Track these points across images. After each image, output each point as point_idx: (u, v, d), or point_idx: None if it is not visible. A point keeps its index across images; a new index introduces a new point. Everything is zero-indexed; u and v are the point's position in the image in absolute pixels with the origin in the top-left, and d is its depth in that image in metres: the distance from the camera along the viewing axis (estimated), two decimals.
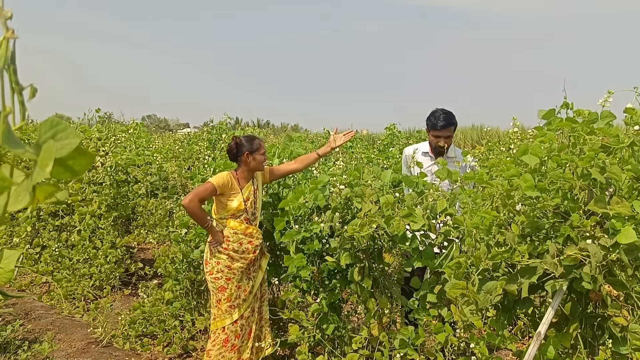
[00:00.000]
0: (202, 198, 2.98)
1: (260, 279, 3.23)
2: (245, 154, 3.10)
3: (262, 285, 3.27)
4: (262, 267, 3.25)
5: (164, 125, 44.61)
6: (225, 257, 3.08)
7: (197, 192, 2.97)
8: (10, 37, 0.42)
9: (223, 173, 3.11)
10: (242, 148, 3.11)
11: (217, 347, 3.08)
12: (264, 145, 3.19)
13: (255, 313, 3.24)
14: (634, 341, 1.75)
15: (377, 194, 2.55)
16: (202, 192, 2.97)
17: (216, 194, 3.04)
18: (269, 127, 40.30)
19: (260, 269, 3.24)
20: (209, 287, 3.16)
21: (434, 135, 3.38)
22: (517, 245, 1.79)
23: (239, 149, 3.12)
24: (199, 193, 2.97)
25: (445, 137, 3.35)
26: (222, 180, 3.03)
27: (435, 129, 3.36)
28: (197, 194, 2.96)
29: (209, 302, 3.27)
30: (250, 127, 8.25)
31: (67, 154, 0.44)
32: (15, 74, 0.44)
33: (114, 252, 4.86)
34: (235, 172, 3.16)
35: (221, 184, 3.01)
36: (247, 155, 3.10)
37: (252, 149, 3.11)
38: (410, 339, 2.55)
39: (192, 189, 3.12)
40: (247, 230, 3.12)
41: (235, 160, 3.17)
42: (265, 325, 3.31)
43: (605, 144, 1.73)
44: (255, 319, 3.23)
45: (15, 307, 4.43)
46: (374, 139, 12.35)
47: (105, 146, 5.59)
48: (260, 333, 3.28)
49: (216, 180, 3.02)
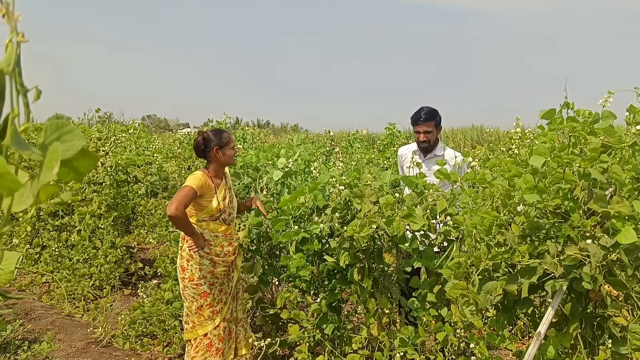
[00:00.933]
0: (186, 204, 2.77)
1: (236, 279, 3.15)
2: (214, 149, 2.92)
3: (237, 284, 3.19)
4: (237, 266, 3.15)
5: (164, 125, 44.58)
6: (207, 262, 2.95)
7: (180, 200, 2.73)
8: (21, 41, 0.42)
9: (197, 173, 2.91)
10: (210, 143, 2.92)
11: (201, 353, 3.00)
12: (233, 139, 3.03)
13: (234, 313, 3.18)
14: (634, 341, 1.75)
15: (376, 194, 2.55)
16: (184, 198, 2.75)
17: (196, 197, 2.84)
18: (269, 127, 40.29)
19: (236, 268, 3.14)
20: (187, 294, 3.00)
21: (415, 130, 3.47)
22: (517, 245, 1.79)
23: (207, 144, 2.93)
24: (182, 199, 2.74)
25: (425, 132, 3.40)
26: (198, 181, 2.84)
27: (416, 124, 3.44)
28: (180, 201, 2.72)
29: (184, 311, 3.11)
30: (250, 127, 8.26)
31: (72, 156, 0.45)
32: (21, 76, 0.44)
33: (114, 252, 4.86)
34: (207, 171, 2.96)
35: (199, 185, 2.83)
36: (216, 150, 2.92)
37: (221, 143, 2.93)
38: (410, 339, 2.55)
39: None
40: (227, 231, 3.02)
41: (204, 157, 2.98)
42: (239, 324, 3.24)
43: (606, 143, 1.74)
44: (234, 318, 3.19)
45: (15, 307, 4.43)
46: (374, 139, 12.36)
47: (105, 146, 5.59)
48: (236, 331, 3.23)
49: (194, 182, 2.83)
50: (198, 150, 2.99)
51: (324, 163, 5.12)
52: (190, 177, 2.89)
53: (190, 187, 2.80)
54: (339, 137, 12.85)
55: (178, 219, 2.73)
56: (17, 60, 0.43)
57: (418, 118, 3.41)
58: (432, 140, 3.43)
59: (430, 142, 3.42)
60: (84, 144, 0.45)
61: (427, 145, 3.44)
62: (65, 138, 0.44)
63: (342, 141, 9.17)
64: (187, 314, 3.06)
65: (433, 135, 3.42)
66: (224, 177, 3.08)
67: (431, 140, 3.42)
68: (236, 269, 3.15)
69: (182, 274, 3.01)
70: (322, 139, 10.80)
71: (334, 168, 3.10)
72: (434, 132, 3.42)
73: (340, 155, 7.07)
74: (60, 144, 0.43)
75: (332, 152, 7.23)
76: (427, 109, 3.43)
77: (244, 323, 3.30)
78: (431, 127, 3.40)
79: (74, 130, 0.45)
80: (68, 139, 0.44)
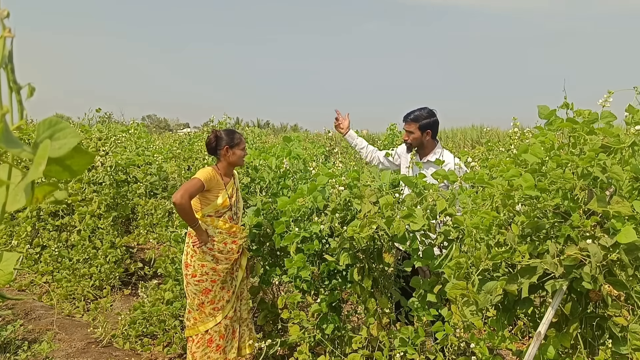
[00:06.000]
0: (191, 194, 2.83)
1: (241, 278, 3.17)
2: (224, 148, 2.99)
3: (241, 283, 3.21)
4: (242, 265, 3.18)
5: (164, 125, 44.55)
6: (210, 258, 2.99)
7: (186, 188, 2.80)
8: (7, 36, 0.42)
9: (207, 168, 2.99)
10: (222, 142, 3.00)
11: (202, 349, 3.04)
12: (244, 140, 3.11)
13: (237, 312, 3.20)
14: (634, 341, 1.74)
15: (376, 194, 2.54)
16: (191, 188, 2.82)
17: (203, 190, 2.91)
18: (269, 127, 40.28)
19: (241, 267, 3.17)
20: (189, 290, 3.05)
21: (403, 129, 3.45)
22: (517, 245, 1.78)
23: (219, 142, 3.01)
24: (189, 189, 2.80)
25: (407, 131, 3.37)
26: (207, 175, 2.91)
27: (403, 121, 3.42)
28: (186, 190, 2.79)
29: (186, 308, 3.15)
30: (250, 127, 8.25)
31: (65, 154, 0.44)
32: (13, 72, 0.44)
33: (114, 252, 4.86)
34: (217, 168, 3.04)
35: (207, 178, 2.90)
36: (226, 149, 3.00)
37: (232, 143, 3.01)
38: (410, 339, 2.54)
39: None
40: (231, 229, 3.05)
41: (214, 154, 3.06)
42: (244, 324, 3.26)
43: (606, 144, 1.73)
44: (237, 317, 3.20)
45: (15, 307, 4.43)
46: (374, 139, 12.35)
47: (105, 146, 5.58)
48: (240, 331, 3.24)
49: (202, 175, 2.90)
50: (209, 147, 3.06)
51: (323, 163, 5.11)
52: (200, 171, 2.97)
53: (198, 179, 2.88)
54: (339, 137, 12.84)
55: (182, 207, 2.78)
56: (9, 57, 0.43)
57: (405, 116, 3.39)
58: (414, 142, 3.34)
59: (411, 143, 3.34)
60: (78, 142, 0.45)
61: (408, 145, 3.37)
62: (58, 136, 0.44)
63: (342, 141, 9.16)
64: (189, 310, 3.10)
65: (415, 137, 3.34)
66: (233, 177, 3.13)
67: (412, 141, 3.34)
68: (240, 268, 3.18)
69: (185, 270, 3.06)
70: (322, 138, 10.79)
71: (333, 168, 3.09)
72: (417, 134, 3.34)
73: (340, 156, 7.06)
74: (53, 141, 0.43)
75: (332, 152, 7.22)
76: (419, 110, 3.38)
77: (248, 323, 3.31)
78: (412, 127, 3.33)
79: (67, 127, 0.44)
80: (61, 136, 0.44)
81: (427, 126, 3.34)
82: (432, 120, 3.37)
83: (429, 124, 3.35)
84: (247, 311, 3.30)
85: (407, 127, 3.38)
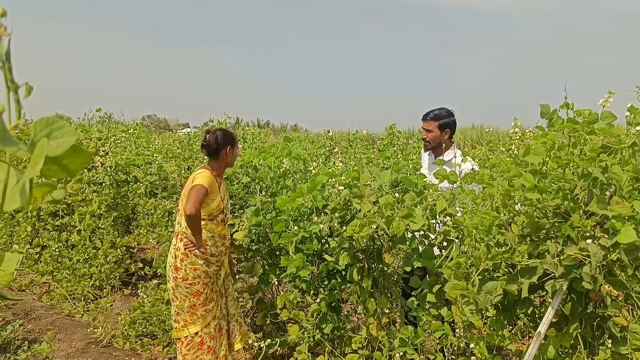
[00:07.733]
0: (201, 202, 2.81)
1: (223, 276, 3.16)
2: (228, 148, 2.96)
3: (225, 281, 3.20)
4: (224, 264, 3.16)
5: (164, 125, 44.53)
6: (202, 262, 2.97)
7: (197, 199, 2.76)
8: (3, 35, 0.42)
9: (205, 172, 2.92)
10: (224, 142, 2.95)
11: (192, 351, 3.02)
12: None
13: (223, 309, 3.19)
14: (634, 341, 1.74)
15: (375, 194, 2.54)
16: (201, 197, 2.79)
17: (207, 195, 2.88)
18: (269, 127, 40.26)
19: (223, 265, 3.16)
20: (178, 293, 3.01)
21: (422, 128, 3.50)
22: (517, 245, 1.78)
23: (221, 143, 2.95)
24: (198, 198, 2.77)
25: (426, 129, 3.43)
26: (208, 179, 2.87)
27: (422, 120, 3.47)
28: (197, 200, 2.76)
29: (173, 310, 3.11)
30: (250, 127, 8.25)
31: (62, 153, 0.44)
32: (11, 71, 0.44)
33: (114, 252, 4.86)
34: (212, 169, 2.98)
35: (209, 183, 2.87)
36: (229, 149, 2.96)
37: (233, 143, 2.98)
38: (410, 339, 2.54)
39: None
40: (222, 232, 3.04)
41: (216, 155, 2.98)
42: (232, 320, 3.25)
43: (606, 144, 1.73)
44: (224, 314, 3.19)
45: (15, 307, 4.43)
46: (374, 139, 12.35)
47: (105, 146, 5.58)
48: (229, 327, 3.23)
49: (205, 181, 2.84)
50: (210, 149, 2.97)
51: (323, 163, 5.11)
52: (200, 176, 2.88)
53: (202, 185, 2.83)
54: (339, 137, 12.84)
55: (196, 218, 2.77)
56: (7, 56, 0.43)
57: (424, 115, 3.45)
58: (433, 141, 3.42)
59: (430, 141, 3.42)
60: (75, 141, 0.45)
61: (427, 143, 3.44)
62: (56, 135, 0.44)
63: (342, 141, 9.16)
64: (178, 312, 3.05)
65: (434, 136, 3.41)
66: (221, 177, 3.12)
67: (431, 140, 3.42)
68: (223, 266, 3.16)
69: (174, 273, 3.00)
70: (322, 138, 10.78)
71: (333, 168, 3.09)
72: (436, 133, 3.41)
73: (340, 156, 7.05)
74: (50, 140, 0.43)
75: (332, 152, 7.21)
76: (438, 109, 3.44)
77: (237, 318, 3.29)
78: (432, 126, 3.40)
79: (64, 126, 0.44)
80: (58, 135, 0.44)
81: (446, 125, 3.41)
82: (451, 120, 3.44)
83: (448, 124, 3.42)
84: (235, 307, 3.29)
85: (426, 126, 3.43)
